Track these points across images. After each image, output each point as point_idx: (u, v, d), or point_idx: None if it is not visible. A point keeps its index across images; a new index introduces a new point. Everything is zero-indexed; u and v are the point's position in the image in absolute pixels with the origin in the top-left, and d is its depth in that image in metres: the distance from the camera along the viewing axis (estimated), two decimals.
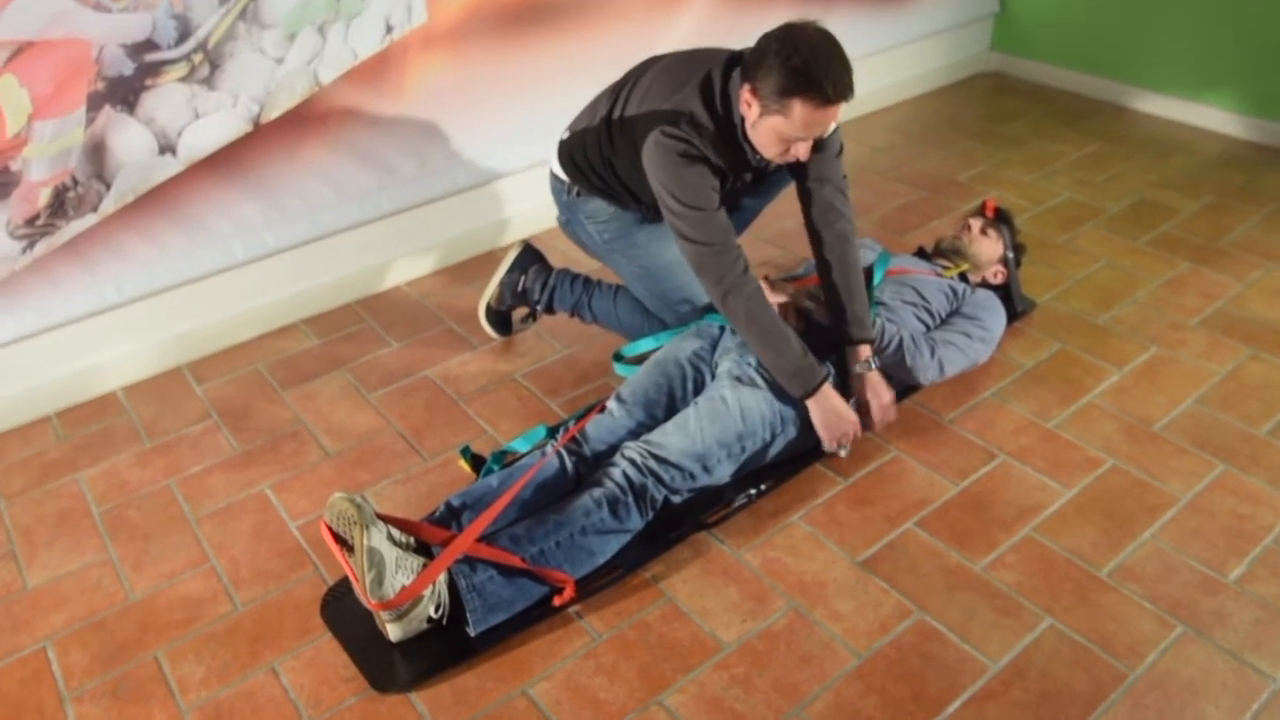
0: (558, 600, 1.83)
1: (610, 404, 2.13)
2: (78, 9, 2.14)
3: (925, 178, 3.48)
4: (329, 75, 2.58)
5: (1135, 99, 3.94)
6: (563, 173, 2.38)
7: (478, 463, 2.14)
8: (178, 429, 2.41)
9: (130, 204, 2.40)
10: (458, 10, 2.72)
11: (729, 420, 1.99)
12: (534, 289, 2.54)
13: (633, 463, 1.94)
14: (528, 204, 3.07)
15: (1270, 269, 2.84)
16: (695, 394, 2.15)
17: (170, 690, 1.75)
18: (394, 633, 1.75)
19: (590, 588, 1.88)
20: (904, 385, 2.33)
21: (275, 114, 2.53)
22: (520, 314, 2.66)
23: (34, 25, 2.10)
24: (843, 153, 2.19)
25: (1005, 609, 1.83)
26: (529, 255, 2.59)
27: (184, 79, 2.35)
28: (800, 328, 2.16)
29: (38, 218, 2.28)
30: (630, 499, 1.90)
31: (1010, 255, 2.59)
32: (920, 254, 2.69)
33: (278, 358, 2.66)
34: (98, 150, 2.30)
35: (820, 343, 2.15)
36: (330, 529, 1.74)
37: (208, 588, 1.96)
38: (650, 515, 1.94)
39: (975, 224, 2.61)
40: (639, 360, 2.35)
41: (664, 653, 1.78)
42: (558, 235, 2.67)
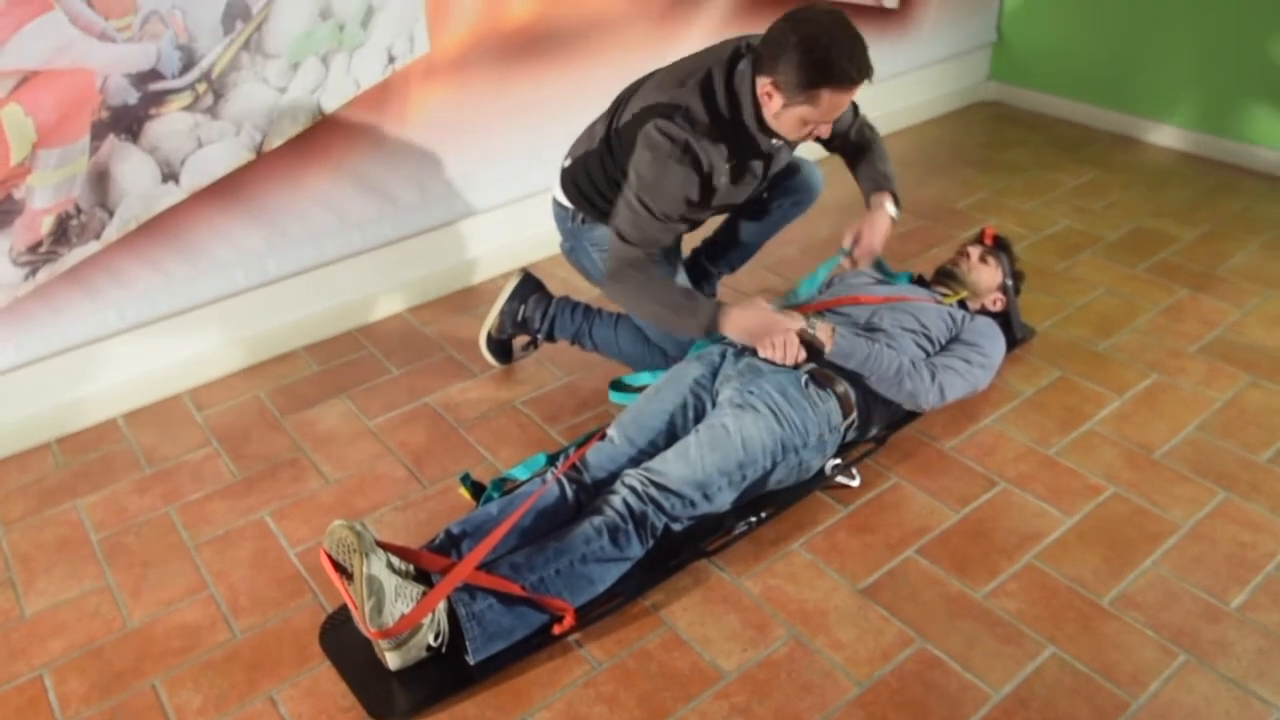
0: (558, 629, 1.82)
1: (611, 431, 2.13)
2: (83, 39, 2.16)
3: (924, 205, 3.49)
4: (332, 104, 2.60)
5: (1132, 127, 3.96)
6: (566, 200, 2.39)
7: (477, 490, 2.14)
8: (177, 456, 2.41)
9: (133, 231, 2.41)
10: (460, 40, 2.75)
11: (730, 448, 1.99)
12: (534, 317, 2.55)
13: (633, 490, 1.94)
14: (529, 232, 3.09)
15: (1269, 296, 2.85)
16: (696, 421, 2.15)
17: (168, 719, 1.74)
18: (393, 661, 1.74)
19: (590, 616, 1.87)
20: (904, 412, 2.33)
21: (278, 142, 2.55)
22: (521, 342, 2.67)
23: (39, 55, 2.12)
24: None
25: (1007, 637, 1.82)
26: (529, 284, 2.60)
27: (188, 108, 2.37)
28: (804, 357, 2.16)
29: (41, 245, 2.30)
30: (631, 527, 1.90)
31: (1009, 283, 2.60)
32: (920, 281, 2.70)
33: (278, 384, 2.66)
34: (101, 178, 2.32)
35: (827, 367, 2.16)
36: (329, 556, 1.73)
37: (206, 615, 1.95)
38: (650, 543, 1.94)
39: (974, 251, 2.62)
40: (636, 389, 2.35)
41: (664, 681, 1.77)
42: (558, 263, 2.68)
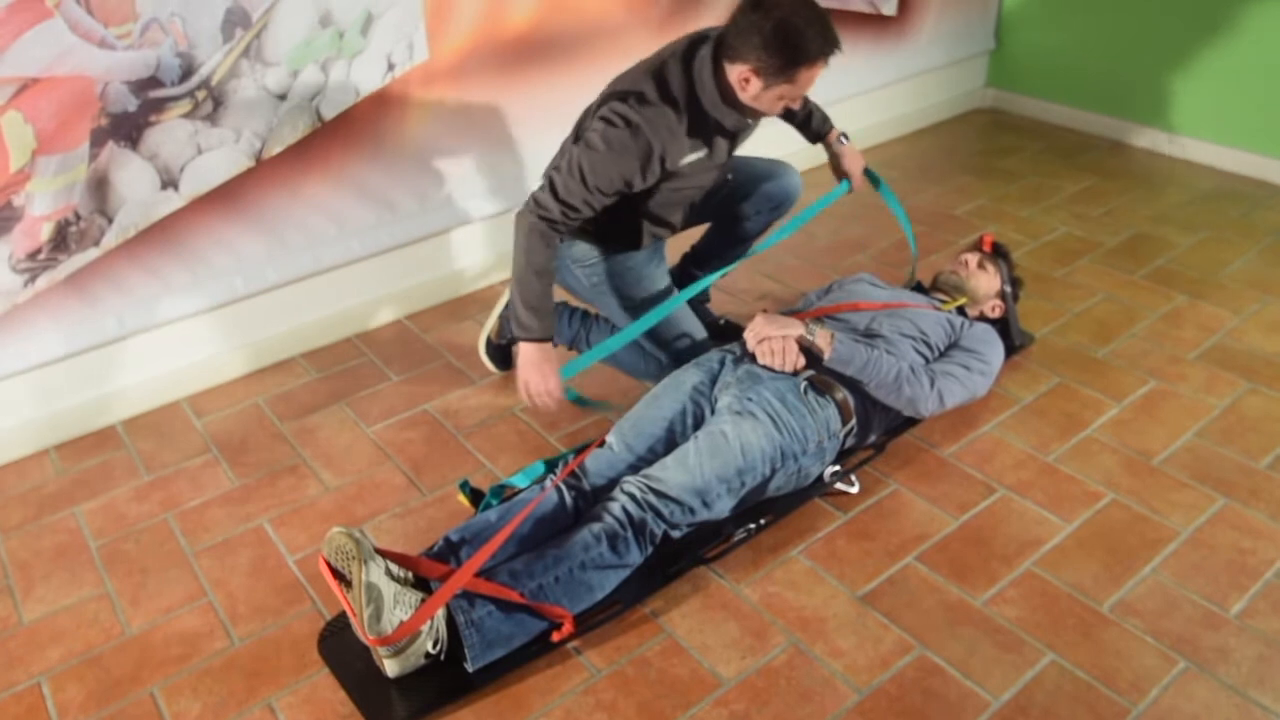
0: (556, 636, 1.82)
1: (609, 438, 2.13)
2: (83, 46, 2.17)
3: (923, 212, 3.50)
4: (331, 112, 2.60)
5: (1130, 134, 3.97)
6: None
7: (476, 497, 2.14)
8: (176, 463, 2.41)
9: (132, 238, 2.41)
10: (459, 48, 2.75)
11: (729, 455, 1.99)
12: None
13: (632, 497, 1.93)
14: None
15: (1267, 302, 2.86)
16: (695, 428, 2.15)
17: None
18: (391, 669, 1.74)
19: (589, 623, 1.87)
20: (903, 418, 2.33)
21: (277, 149, 2.55)
22: None
23: (39, 62, 2.13)
24: None
25: (1006, 644, 1.82)
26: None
27: (187, 115, 2.37)
28: (803, 363, 2.16)
29: (40, 252, 2.30)
30: (629, 534, 1.89)
31: (1008, 289, 2.60)
32: (918, 288, 2.70)
33: (277, 392, 2.66)
34: (101, 185, 2.32)
35: (825, 373, 2.16)
36: (328, 564, 1.73)
37: (205, 623, 1.95)
38: (649, 550, 1.94)
39: (973, 258, 2.62)
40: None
41: (663, 689, 1.76)
42: None
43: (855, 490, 2.18)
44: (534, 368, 2.19)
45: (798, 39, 1.97)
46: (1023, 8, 4.17)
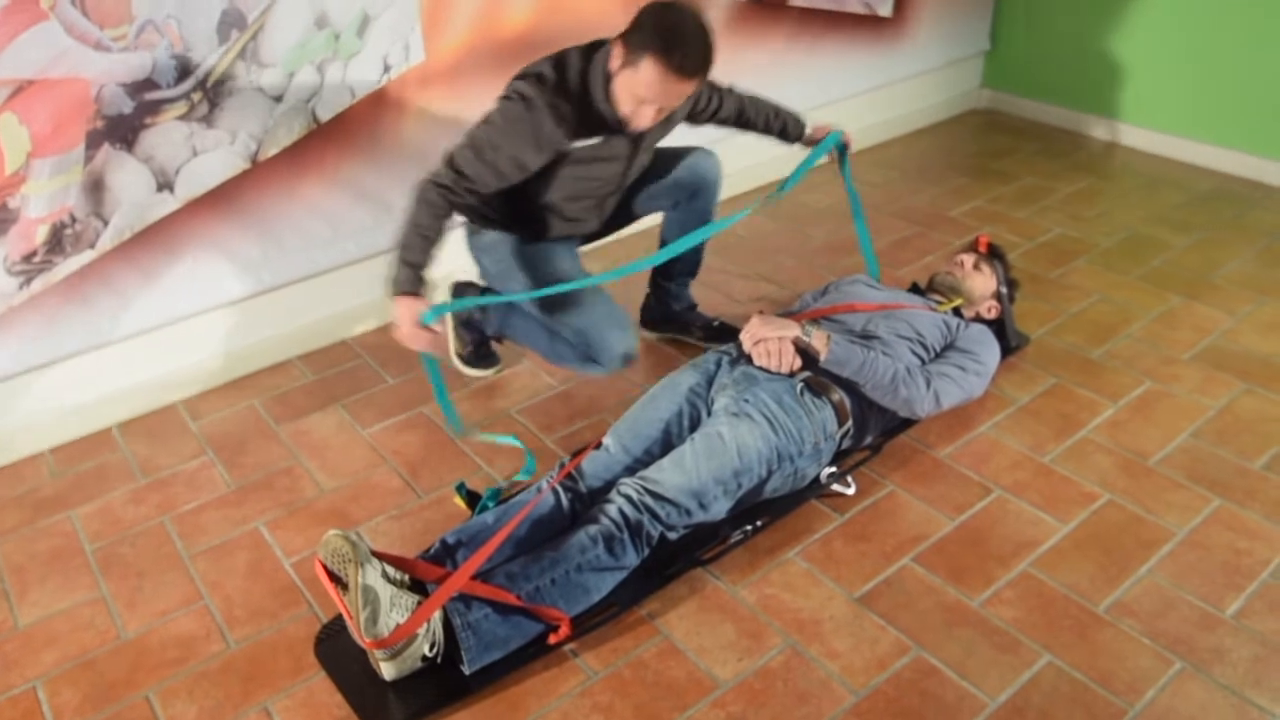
0: (553, 638, 1.82)
1: (606, 440, 2.13)
2: (78, 48, 2.16)
3: (919, 213, 3.50)
4: (327, 113, 2.60)
5: (1125, 135, 3.98)
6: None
7: (473, 499, 2.14)
8: (172, 465, 2.41)
9: (128, 241, 2.41)
10: (455, 49, 2.75)
11: (726, 457, 1.99)
12: (475, 313, 2.58)
13: (629, 499, 1.93)
14: None
15: (1262, 303, 2.86)
16: (691, 430, 2.15)
17: None
18: (388, 671, 1.74)
19: (586, 625, 1.87)
20: (900, 419, 2.33)
21: (273, 151, 2.55)
22: (496, 344, 2.68)
23: (34, 64, 2.12)
24: (731, 89, 2.51)
25: (1003, 645, 1.82)
26: (460, 289, 2.63)
27: (183, 117, 2.37)
28: (799, 365, 2.17)
29: (35, 254, 2.29)
30: (626, 536, 1.89)
31: (1004, 290, 2.60)
32: (914, 289, 2.70)
33: (273, 394, 2.65)
34: (96, 187, 2.31)
35: (821, 374, 2.16)
36: (324, 566, 1.73)
37: (200, 626, 1.95)
38: (646, 552, 1.94)
39: (969, 259, 2.63)
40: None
41: (660, 691, 1.76)
42: None
43: (852, 492, 2.18)
44: (403, 320, 2.12)
45: (667, 31, 1.98)
46: (1017, 9, 4.18)
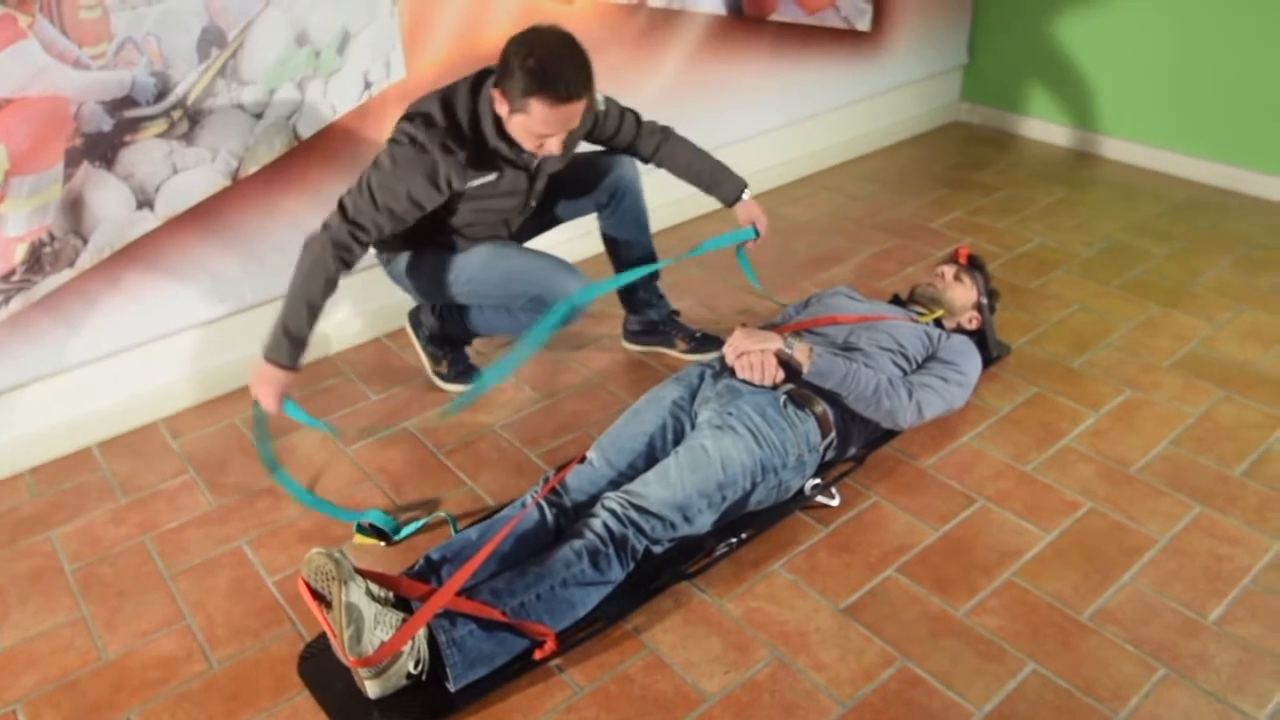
0: (539, 654, 1.81)
1: (590, 454, 2.13)
2: (57, 66, 2.16)
3: (899, 225, 3.52)
4: (308, 130, 2.60)
5: (1103, 146, 4.02)
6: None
7: (379, 535, 2.13)
8: (153, 484, 2.39)
9: (108, 259, 2.40)
10: (436, 66, 2.76)
11: (710, 470, 1.99)
12: (434, 323, 2.60)
13: (613, 513, 1.93)
14: None
15: (1240, 310, 2.89)
16: (675, 443, 2.15)
17: None
18: (373, 690, 1.73)
19: (571, 640, 1.86)
20: (883, 431, 2.34)
21: (254, 168, 2.54)
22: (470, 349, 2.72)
23: (13, 82, 2.12)
24: (626, 112, 2.46)
25: (988, 654, 1.83)
26: (414, 318, 2.68)
27: (163, 135, 2.37)
28: (782, 377, 2.17)
29: (13, 273, 2.28)
30: (611, 550, 1.89)
31: (984, 301, 2.62)
32: (895, 301, 2.71)
33: (254, 411, 2.64)
34: (75, 206, 2.30)
35: (804, 387, 2.17)
36: (308, 584, 1.72)
37: (182, 646, 1.93)
38: (631, 566, 1.93)
39: (949, 270, 2.64)
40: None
41: (647, 705, 1.76)
42: None
43: (836, 503, 2.19)
44: (265, 384, 2.18)
45: (538, 67, 1.99)
46: (995, 22, 4.22)
